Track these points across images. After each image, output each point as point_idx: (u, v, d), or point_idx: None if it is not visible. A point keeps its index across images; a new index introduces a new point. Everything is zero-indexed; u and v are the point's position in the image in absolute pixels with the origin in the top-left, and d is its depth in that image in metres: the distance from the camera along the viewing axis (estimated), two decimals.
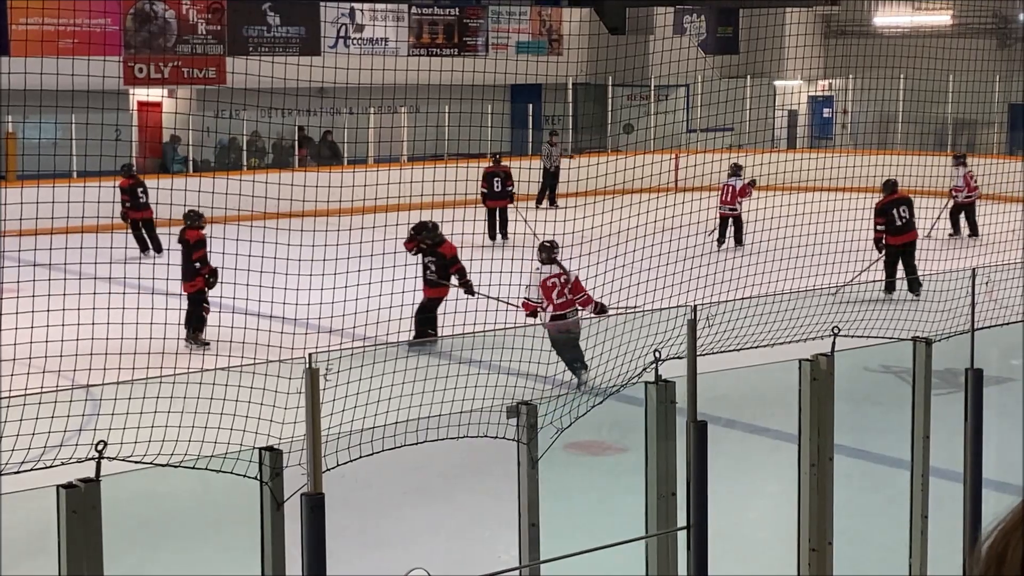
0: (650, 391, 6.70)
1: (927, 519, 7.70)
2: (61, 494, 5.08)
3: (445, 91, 20.92)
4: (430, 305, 15.15)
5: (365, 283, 11.01)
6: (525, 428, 6.40)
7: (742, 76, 30.25)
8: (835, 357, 7.14)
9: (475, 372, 7.32)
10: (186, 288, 14.71)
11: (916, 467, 7.72)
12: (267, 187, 12.61)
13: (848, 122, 33.47)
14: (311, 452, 5.57)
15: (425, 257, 15.28)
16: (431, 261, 15.26)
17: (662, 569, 6.74)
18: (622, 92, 31.79)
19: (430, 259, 15.27)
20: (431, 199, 16.05)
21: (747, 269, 12.85)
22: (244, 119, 26.31)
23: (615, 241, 12.44)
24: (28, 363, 9.08)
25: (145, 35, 28.58)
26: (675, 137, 30.60)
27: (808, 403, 7.05)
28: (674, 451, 6.72)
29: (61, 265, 12.27)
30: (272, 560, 5.59)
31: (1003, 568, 1.34)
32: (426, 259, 15.27)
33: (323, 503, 5.57)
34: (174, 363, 12.02)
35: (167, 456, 5.65)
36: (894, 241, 18.10)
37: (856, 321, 8.32)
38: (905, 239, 18.17)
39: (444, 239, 15.44)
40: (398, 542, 9.44)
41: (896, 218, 18.12)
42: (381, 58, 27.81)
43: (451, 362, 8.52)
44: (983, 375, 8.00)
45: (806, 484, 7.07)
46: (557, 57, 32.86)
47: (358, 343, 14.37)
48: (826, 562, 7.10)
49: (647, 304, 10.12)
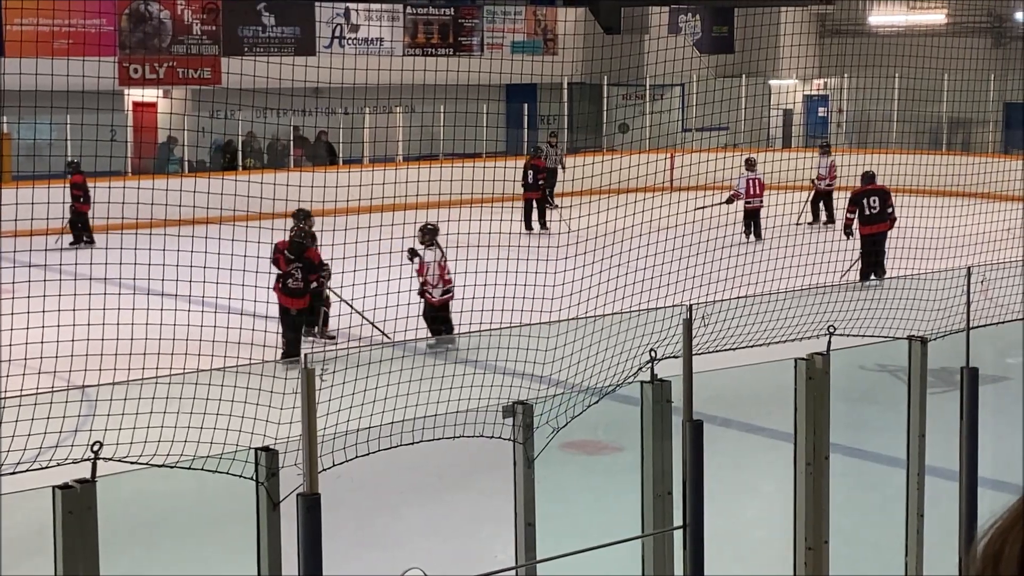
0: (646, 390, 6.70)
1: (923, 518, 7.70)
2: (57, 495, 5.08)
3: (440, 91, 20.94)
4: (300, 319, 14.52)
5: (360, 283, 11.00)
6: (521, 428, 6.40)
7: (737, 75, 30.27)
8: (831, 356, 7.14)
9: (471, 372, 7.32)
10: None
11: (912, 466, 7.72)
12: (262, 187, 12.61)
13: (843, 121, 33.48)
14: (307, 452, 5.57)
15: (291, 264, 14.60)
16: (297, 267, 14.63)
17: (658, 568, 6.74)
18: (617, 91, 31.81)
19: (296, 265, 14.63)
20: (427, 199, 16.06)
21: (743, 268, 12.86)
22: (239, 119, 26.30)
23: (610, 241, 12.44)
24: (24, 364, 9.07)
25: (140, 35, 28.56)
26: (670, 136, 30.61)
27: (804, 402, 7.05)
28: (670, 450, 6.72)
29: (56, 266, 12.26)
30: (268, 560, 5.59)
31: (999, 567, 1.34)
32: (291, 266, 14.59)
33: (319, 503, 5.57)
34: (170, 364, 12.01)
35: (163, 457, 5.65)
36: (865, 231, 19.02)
37: (852, 320, 8.32)
38: (875, 229, 19.04)
39: (310, 245, 14.81)
40: (394, 542, 9.44)
41: (866, 208, 19.02)
42: (376, 58, 27.79)
43: (447, 362, 8.53)
44: (979, 374, 8.00)
45: (802, 483, 7.07)
46: (552, 57, 32.87)
47: (353, 343, 14.37)
48: (822, 561, 7.11)
49: (643, 303, 10.12)
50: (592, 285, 11.81)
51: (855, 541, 8.80)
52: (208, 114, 26.25)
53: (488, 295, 15.29)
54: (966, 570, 1.35)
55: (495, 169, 15.99)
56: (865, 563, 8.64)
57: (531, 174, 24.87)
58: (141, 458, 5.60)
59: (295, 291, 14.42)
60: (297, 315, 14.47)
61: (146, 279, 12.21)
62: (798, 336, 7.97)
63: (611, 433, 11.01)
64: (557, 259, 13.36)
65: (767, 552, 8.79)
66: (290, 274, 14.43)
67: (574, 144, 31.14)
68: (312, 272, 14.52)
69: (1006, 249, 15.31)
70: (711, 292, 10.86)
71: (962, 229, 16.08)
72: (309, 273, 14.49)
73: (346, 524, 8.94)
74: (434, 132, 26.42)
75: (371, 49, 30.71)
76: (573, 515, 9.28)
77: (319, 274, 14.61)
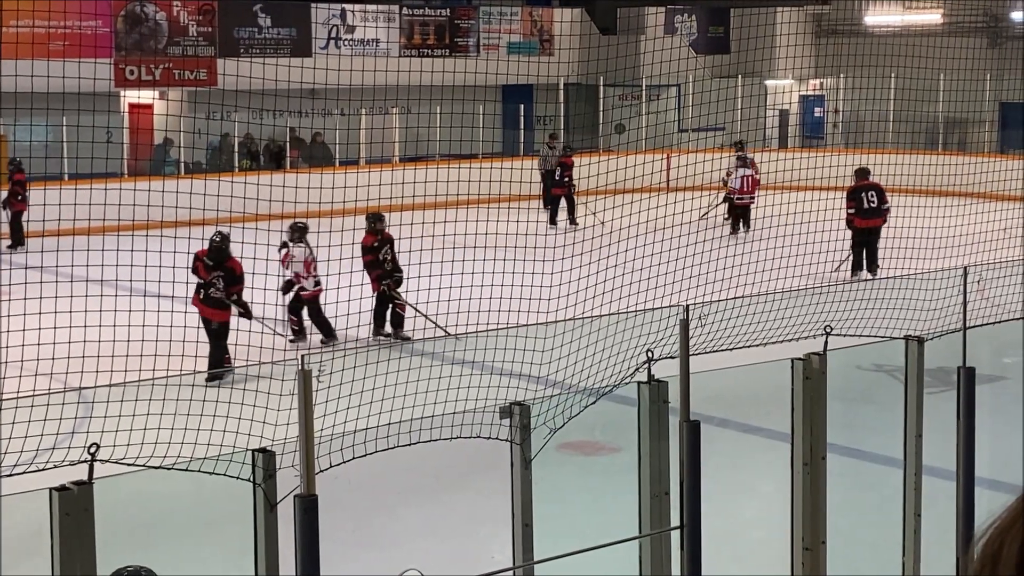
0: (643, 391, 6.70)
1: (920, 517, 7.70)
2: (54, 497, 5.08)
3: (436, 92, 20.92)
4: (222, 331, 13.87)
5: (357, 284, 11.00)
6: (518, 428, 6.40)
7: (733, 75, 30.27)
8: (827, 356, 7.14)
9: (468, 373, 7.32)
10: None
11: (909, 465, 7.73)
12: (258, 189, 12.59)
13: (839, 121, 33.50)
14: (304, 454, 5.57)
15: (211, 272, 13.91)
16: (219, 276, 13.93)
17: (656, 569, 6.74)
18: (613, 92, 31.81)
19: (217, 274, 13.93)
20: (423, 200, 16.05)
21: (739, 268, 12.86)
22: (235, 121, 26.29)
23: (607, 241, 12.44)
24: (20, 366, 9.06)
25: (136, 37, 28.55)
26: (666, 137, 30.59)
27: (801, 402, 7.05)
28: (667, 451, 6.72)
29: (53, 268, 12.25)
30: (265, 562, 5.59)
31: (998, 567, 1.34)
32: (212, 275, 13.90)
33: (316, 504, 5.57)
34: (167, 365, 11.99)
35: (160, 458, 5.64)
36: (862, 224, 19.47)
37: (848, 320, 8.32)
38: (872, 223, 19.52)
39: (231, 254, 14.07)
40: (392, 543, 9.44)
41: (864, 202, 19.51)
42: (372, 59, 27.79)
43: (444, 363, 8.53)
44: (975, 373, 8.01)
45: (799, 483, 7.07)
46: (548, 57, 32.88)
47: (351, 344, 14.36)
48: (819, 561, 7.11)
49: (639, 304, 10.12)
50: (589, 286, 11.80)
51: (852, 541, 8.80)
52: (204, 115, 26.25)
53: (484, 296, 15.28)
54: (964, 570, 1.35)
55: (491, 170, 16.00)
56: (862, 563, 8.64)
57: (559, 171, 25.58)
58: (138, 460, 5.59)
59: (216, 302, 13.76)
60: (219, 328, 13.76)
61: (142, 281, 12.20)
62: (795, 336, 7.98)
63: (608, 434, 11.01)
64: (554, 260, 13.36)
65: (764, 552, 8.79)
66: (211, 283, 13.80)
67: (570, 145, 31.15)
68: (234, 283, 13.82)
69: (1002, 249, 15.32)
70: (708, 292, 10.86)
71: (958, 229, 16.08)
72: (231, 284, 13.83)
73: (343, 525, 8.94)
74: (430, 133, 26.41)
75: (367, 50, 30.69)
76: (570, 516, 9.28)
77: (242, 286, 13.87)
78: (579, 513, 9.55)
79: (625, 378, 7.02)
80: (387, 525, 9.83)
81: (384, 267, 15.61)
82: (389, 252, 15.71)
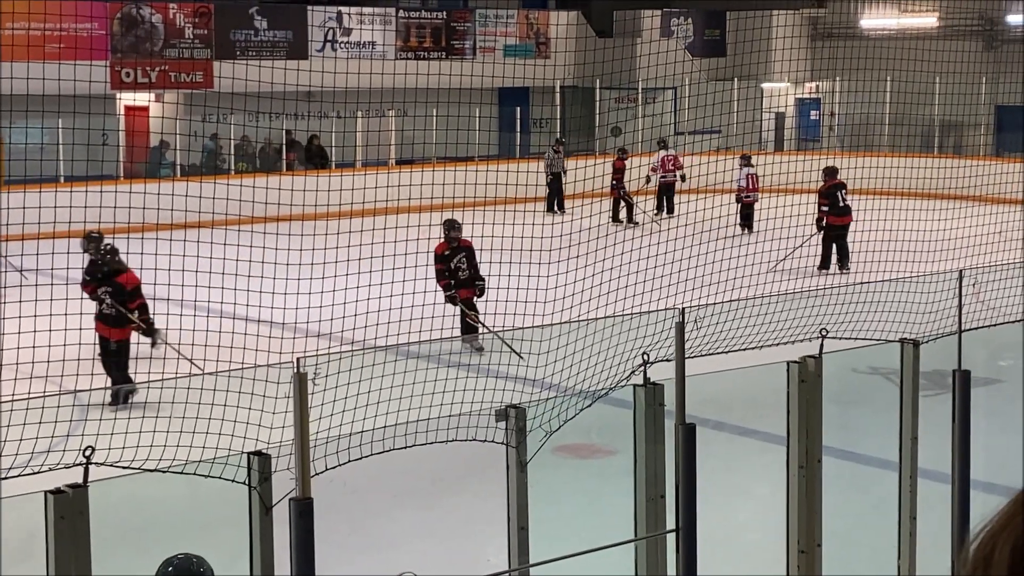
0: (639, 394, 6.70)
1: (915, 520, 7.71)
2: (49, 500, 5.07)
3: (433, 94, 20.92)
4: (120, 349, 12.99)
5: (353, 287, 11.00)
6: (514, 431, 6.40)
7: (729, 78, 30.30)
8: (823, 359, 7.15)
9: (464, 376, 7.31)
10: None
11: (904, 468, 7.73)
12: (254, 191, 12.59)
13: (835, 124, 33.53)
14: (299, 457, 5.56)
15: (100, 287, 13.02)
16: (106, 291, 12.98)
17: (651, 572, 6.74)
18: (609, 95, 31.81)
19: (106, 289, 12.99)
20: (419, 203, 16.04)
21: (735, 271, 12.87)
22: (231, 123, 26.28)
23: (603, 244, 12.45)
24: (16, 368, 9.06)
25: (132, 39, 28.53)
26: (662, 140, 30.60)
27: (796, 405, 7.06)
28: (663, 454, 6.72)
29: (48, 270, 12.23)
30: (261, 565, 5.58)
31: (990, 569, 1.34)
32: (100, 290, 13.00)
33: (311, 508, 5.56)
34: (162, 368, 11.98)
35: (155, 461, 5.64)
36: (836, 221, 20.19)
37: (844, 323, 8.33)
38: (846, 220, 20.19)
39: (124, 266, 13.20)
40: (387, 546, 9.43)
41: (839, 200, 20.31)
42: (368, 62, 27.78)
43: (440, 366, 8.53)
44: (971, 376, 8.01)
45: (795, 486, 7.08)
46: (544, 60, 32.87)
47: (346, 347, 14.35)
48: (815, 563, 7.11)
49: (635, 307, 10.13)
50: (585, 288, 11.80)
51: (848, 544, 8.81)
52: (200, 118, 26.23)
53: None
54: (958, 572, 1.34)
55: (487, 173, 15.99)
56: (858, 566, 8.64)
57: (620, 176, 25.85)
58: (133, 463, 5.59)
59: (109, 318, 12.95)
60: (117, 347, 12.90)
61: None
62: (790, 339, 7.98)
63: (604, 436, 11.01)
64: (550, 263, 13.37)
65: (760, 555, 8.79)
66: (101, 299, 12.99)
67: (567, 148, 31.16)
68: (128, 298, 12.94)
69: (998, 252, 15.33)
70: (703, 295, 10.86)
71: (954, 232, 16.10)
72: (123, 299, 12.96)
73: (339, 528, 8.93)
74: (427, 136, 26.42)
75: (363, 53, 30.68)
76: (566, 519, 9.27)
77: (141, 300, 13.01)
78: (575, 516, 9.55)
79: (621, 381, 7.03)
80: (383, 528, 9.83)
81: (458, 276, 15.27)
82: (464, 260, 15.34)
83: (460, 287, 15.20)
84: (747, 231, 23.58)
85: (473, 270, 15.33)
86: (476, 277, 15.26)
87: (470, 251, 15.43)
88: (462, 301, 15.18)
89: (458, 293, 15.20)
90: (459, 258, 15.32)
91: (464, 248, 15.41)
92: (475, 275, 15.29)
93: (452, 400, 6.86)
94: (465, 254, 15.38)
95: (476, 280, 15.23)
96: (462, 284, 15.24)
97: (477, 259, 15.43)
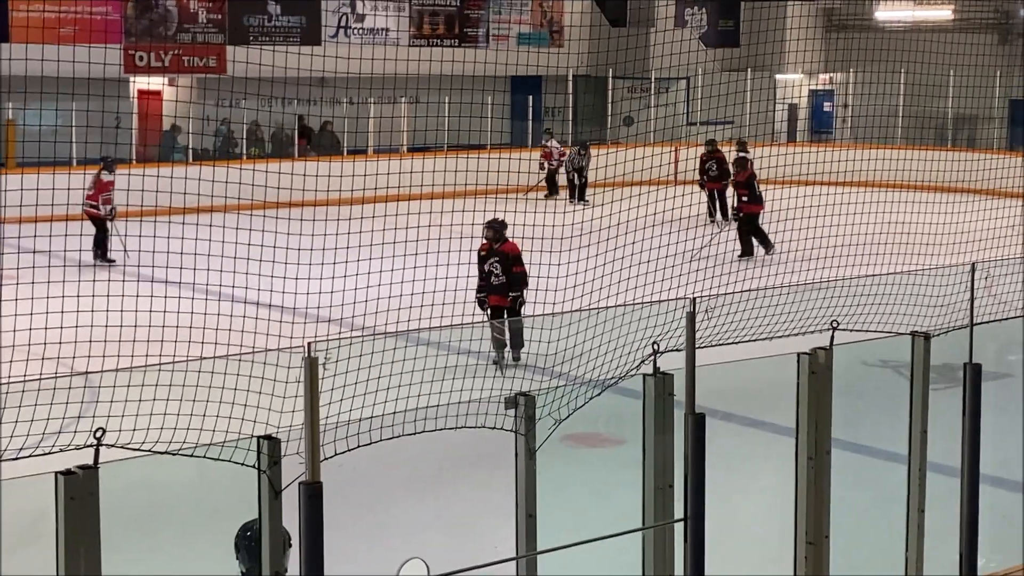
0: (648, 383, 6.71)
1: (924, 513, 7.71)
2: (59, 481, 5.09)
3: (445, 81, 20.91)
4: None
5: (364, 272, 11.01)
6: (523, 419, 6.40)
7: (743, 69, 30.24)
8: (834, 351, 7.14)
9: (474, 363, 7.32)
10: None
11: (913, 462, 7.73)
12: (267, 176, 12.61)
13: (848, 116, 33.46)
14: (309, 441, 5.58)
15: None
16: None
17: (659, 561, 6.75)
18: (622, 84, 31.78)
19: None
20: (431, 190, 16.03)
21: (746, 262, 12.85)
22: (244, 108, 26.30)
23: (614, 233, 12.44)
24: (27, 349, 9.08)
25: (146, 23, 28.55)
26: (675, 130, 30.59)
27: (806, 397, 7.06)
28: (672, 443, 6.72)
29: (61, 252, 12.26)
30: (270, 548, 5.60)
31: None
32: None
33: (321, 492, 5.58)
34: (173, 351, 11.99)
35: (166, 444, 5.65)
36: (756, 209, 21.15)
37: (855, 315, 8.31)
38: (762, 208, 21.28)
39: None
40: (395, 531, 9.46)
41: (756, 188, 21.33)
42: (382, 48, 27.80)
43: (450, 352, 8.54)
44: (981, 370, 8.00)
45: (803, 477, 7.08)
46: (558, 49, 32.83)
47: (357, 333, 14.36)
48: (822, 555, 7.11)
49: (646, 296, 10.12)
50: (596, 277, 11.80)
51: (856, 536, 8.80)
52: (213, 102, 26.25)
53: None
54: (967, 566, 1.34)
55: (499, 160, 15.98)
56: (865, 558, 8.65)
57: (714, 165, 25.71)
58: (144, 445, 5.60)
59: None
60: None
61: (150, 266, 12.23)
62: (801, 331, 7.97)
63: (612, 426, 11.01)
64: (561, 251, 13.36)
65: (768, 546, 8.80)
66: None
67: (579, 137, 31.14)
68: None
69: (1010, 246, 15.30)
70: (715, 285, 10.86)
71: (966, 225, 16.07)
72: None
73: (347, 513, 8.95)
74: (439, 123, 26.42)
75: (376, 39, 30.68)
76: (574, 507, 9.29)
77: None
78: (582, 505, 9.56)
79: (631, 370, 7.03)
80: (391, 513, 9.85)
81: (490, 280, 14.73)
82: (497, 265, 14.66)
83: (492, 292, 14.69)
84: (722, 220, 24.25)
85: (508, 276, 14.62)
86: (512, 286, 14.58)
87: (505, 257, 14.72)
88: (491, 308, 14.67)
89: (488, 298, 14.71)
90: (492, 262, 14.76)
91: (499, 253, 14.74)
92: (511, 282, 14.60)
93: (462, 387, 6.87)
94: (499, 259, 14.72)
95: (511, 290, 14.57)
96: (494, 290, 14.69)
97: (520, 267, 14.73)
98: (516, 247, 14.75)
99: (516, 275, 14.62)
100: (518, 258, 14.67)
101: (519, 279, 14.62)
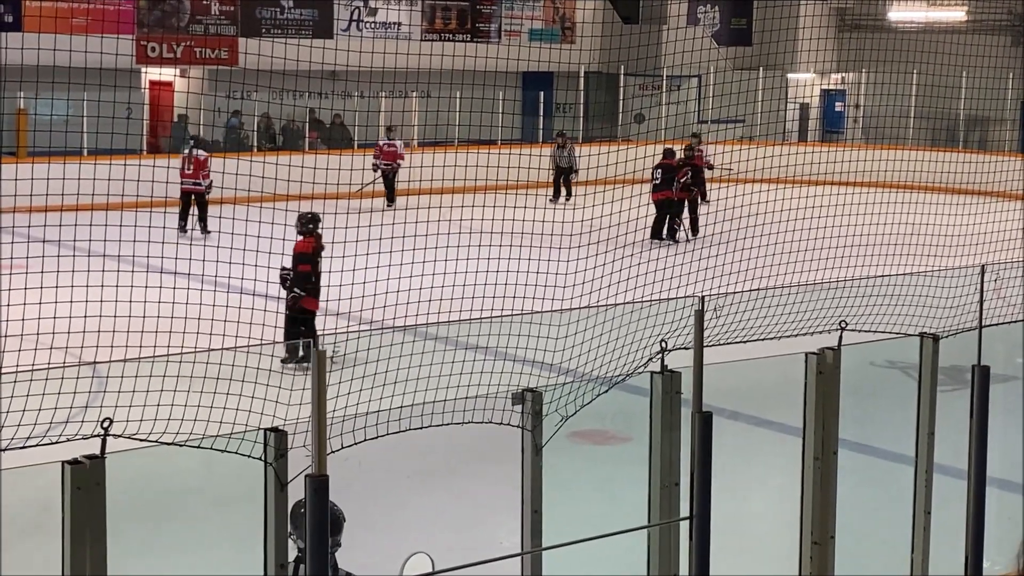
0: (655, 381, 6.70)
1: (930, 515, 7.70)
2: (66, 470, 5.10)
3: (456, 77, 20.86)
4: None
5: (373, 267, 11.01)
6: (530, 415, 6.40)
7: (755, 68, 30.20)
8: (842, 351, 7.13)
9: (481, 358, 7.32)
10: None
11: (920, 463, 7.72)
12: (277, 169, 12.61)
13: (860, 116, 33.42)
14: (316, 434, 5.58)
15: None
16: None
17: (664, 559, 6.74)
18: (634, 81, 31.75)
19: None
20: (440, 184, 16.04)
21: (755, 261, 12.84)
22: (256, 100, 26.32)
23: (624, 230, 12.44)
24: (35, 339, 9.09)
25: (158, 14, 28.58)
26: (686, 127, 30.56)
27: (814, 396, 7.05)
28: (678, 441, 6.72)
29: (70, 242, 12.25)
30: (275, 540, 5.61)
31: None
32: None
33: (327, 485, 5.58)
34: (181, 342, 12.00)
35: (172, 435, 5.66)
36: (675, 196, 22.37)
37: (863, 315, 8.30)
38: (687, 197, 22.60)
39: None
40: (400, 526, 9.46)
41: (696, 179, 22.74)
42: (393, 42, 27.79)
43: (457, 347, 8.53)
44: (990, 372, 7.99)
45: (810, 477, 7.07)
46: (570, 45, 32.82)
47: (364, 327, 14.37)
48: (828, 555, 7.11)
49: (654, 293, 10.11)
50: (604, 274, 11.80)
51: (861, 537, 8.80)
52: (225, 94, 26.27)
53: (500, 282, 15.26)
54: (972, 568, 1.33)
55: (510, 156, 15.97)
56: (871, 559, 8.64)
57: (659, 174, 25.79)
58: (150, 435, 5.61)
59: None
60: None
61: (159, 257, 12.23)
62: (809, 330, 7.96)
63: (619, 423, 11.00)
64: (570, 247, 13.36)
65: (773, 545, 8.79)
66: None
67: (589, 133, 31.13)
68: None
69: (1021, 248, 15.27)
70: (724, 284, 10.85)
71: (977, 227, 16.04)
72: None
73: (353, 506, 8.95)
74: (449, 118, 26.41)
75: (388, 33, 30.70)
76: (580, 504, 9.28)
77: None
78: (588, 501, 9.56)
79: (638, 368, 7.02)
80: (396, 507, 9.85)
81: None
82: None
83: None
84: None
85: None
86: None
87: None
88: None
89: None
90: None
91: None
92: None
93: (469, 382, 6.86)
94: None
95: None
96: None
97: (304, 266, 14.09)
98: (302, 245, 14.32)
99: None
100: (300, 256, 14.29)
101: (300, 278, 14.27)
